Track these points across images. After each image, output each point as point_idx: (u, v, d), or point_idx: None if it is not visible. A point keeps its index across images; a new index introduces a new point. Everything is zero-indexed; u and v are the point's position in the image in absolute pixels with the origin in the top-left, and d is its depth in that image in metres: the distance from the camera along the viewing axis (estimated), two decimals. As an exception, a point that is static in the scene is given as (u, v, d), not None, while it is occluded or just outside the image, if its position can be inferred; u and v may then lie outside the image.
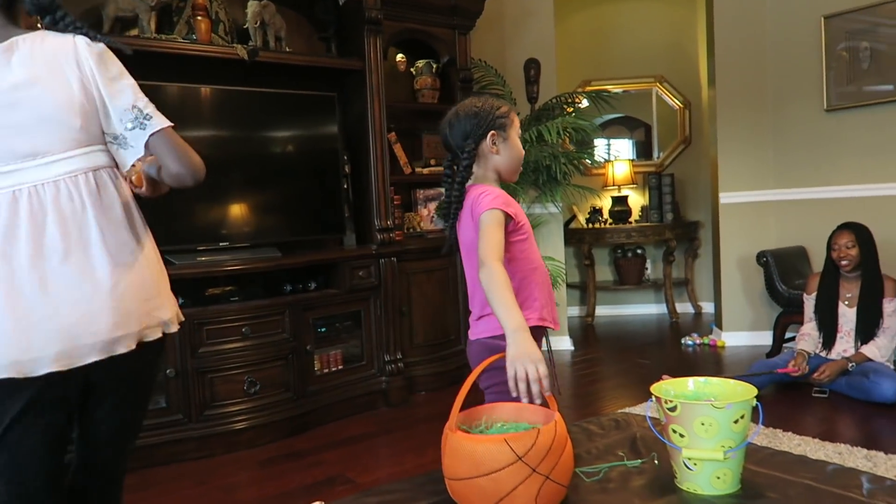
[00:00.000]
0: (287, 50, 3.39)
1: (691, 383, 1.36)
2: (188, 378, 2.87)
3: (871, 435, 2.76)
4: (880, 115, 3.89)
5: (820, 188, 4.18)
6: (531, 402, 1.26)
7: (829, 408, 3.11)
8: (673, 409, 1.23)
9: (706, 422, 1.20)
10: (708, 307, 5.67)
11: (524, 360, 1.27)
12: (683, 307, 5.79)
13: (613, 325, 5.48)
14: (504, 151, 1.63)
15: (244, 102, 3.23)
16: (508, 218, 1.55)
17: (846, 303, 3.34)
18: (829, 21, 4.03)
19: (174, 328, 1.43)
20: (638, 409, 3.07)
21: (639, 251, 5.75)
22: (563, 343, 4.65)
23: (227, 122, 3.21)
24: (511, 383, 1.26)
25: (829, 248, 3.37)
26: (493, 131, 1.61)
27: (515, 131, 1.64)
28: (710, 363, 4.08)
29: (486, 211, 1.53)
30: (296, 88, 3.42)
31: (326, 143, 3.51)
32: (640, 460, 1.38)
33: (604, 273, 5.93)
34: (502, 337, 1.36)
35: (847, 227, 3.35)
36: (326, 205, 3.52)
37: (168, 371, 2.83)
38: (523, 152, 1.67)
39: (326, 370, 3.35)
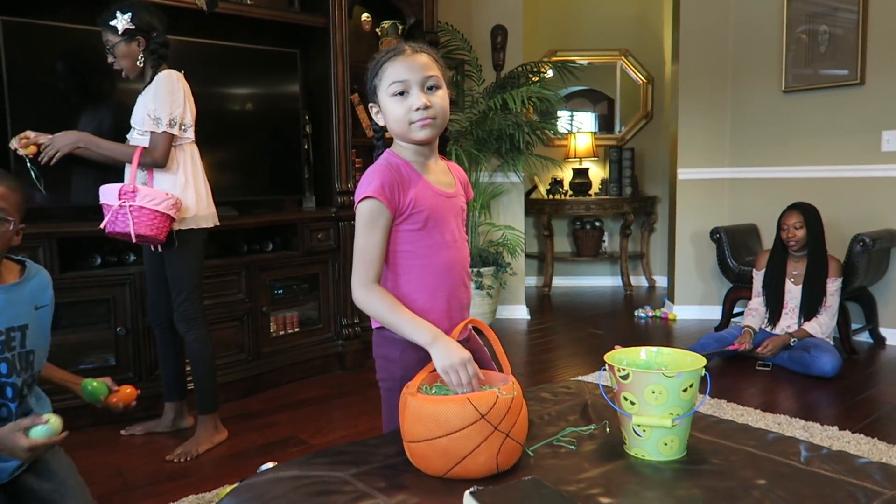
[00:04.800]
0: (248, 2, 3.28)
1: (644, 353, 1.39)
2: (139, 336, 2.82)
3: (809, 407, 2.88)
4: (835, 98, 3.99)
5: (773, 168, 4.28)
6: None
7: (772, 380, 3.23)
8: (625, 377, 1.26)
9: (656, 390, 1.23)
10: (662, 281, 5.80)
11: (453, 367, 1.23)
12: (638, 280, 5.92)
13: (569, 296, 5.56)
14: (385, 119, 1.38)
15: (201, 55, 3.12)
16: (382, 205, 1.31)
17: (792, 280, 3.45)
18: (791, 3, 4.08)
19: None
20: (590, 378, 3.13)
21: (597, 223, 5.83)
22: (519, 312, 4.71)
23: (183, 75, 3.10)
24: (454, 389, 1.24)
25: (779, 227, 3.46)
26: (370, 104, 1.41)
27: (386, 90, 1.34)
28: (661, 336, 4.19)
29: (357, 204, 1.34)
30: (257, 44, 3.32)
31: (287, 101, 3.43)
32: (591, 426, 1.41)
33: (562, 244, 6.00)
34: (390, 331, 1.36)
35: (796, 207, 3.44)
36: (286, 165, 3.46)
37: (119, 329, 2.77)
38: (400, 109, 1.33)
39: (283, 332, 3.32)
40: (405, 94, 1.33)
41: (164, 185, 2.40)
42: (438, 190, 1.40)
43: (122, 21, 2.33)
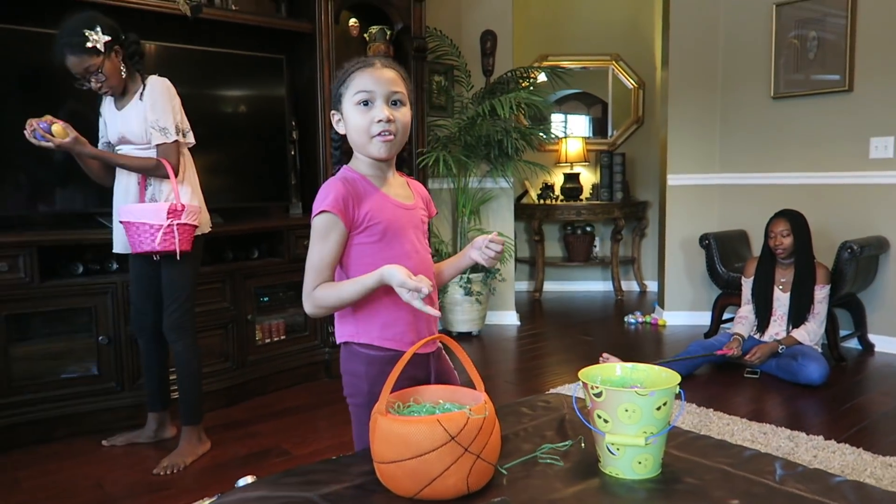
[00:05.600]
0: (234, 8, 3.26)
1: (619, 369, 1.38)
2: (121, 345, 2.79)
3: (796, 415, 2.87)
4: (824, 104, 3.98)
5: (763, 174, 4.27)
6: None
7: (759, 388, 3.22)
8: (598, 395, 1.24)
9: (630, 408, 1.21)
10: (653, 286, 5.79)
11: (402, 282, 1.25)
12: (629, 285, 5.91)
13: (560, 301, 5.55)
14: (346, 129, 1.38)
15: (186, 61, 3.10)
16: (336, 218, 1.30)
17: (780, 287, 3.44)
18: (781, 9, 4.08)
19: None
20: (573, 389, 3.12)
21: (588, 228, 5.82)
22: (509, 318, 4.69)
23: (168, 81, 3.08)
24: (411, 301, 1.26)
25: (766, 235, 3.45)
26: (332, 112, 1.40)
27: (350, 99, 1.34)
28: (651, 342, 4.17)
29: (313, 218, 1.34)
30: (243, 49, 3.30)
31: (273, 107, 3.41)
32: (566, 442, 1.39)
33: (553, 249, 5.99)
34: (355, 345, 1.38)
35: (783, 214, 3.43)
36: (272, 171, 3.44)
37: (100, 338, 2.75)
38: (363, 120, 1.33)
39: (268, 340, 3.30)
40: (369, 105, 1.34)
41: (180, 193, 2.38)
42: (396, 202, 1.40)
43: (96, 39, 2.20)
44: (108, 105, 2.43)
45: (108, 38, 2.24)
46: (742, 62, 4.30)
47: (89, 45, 2.20)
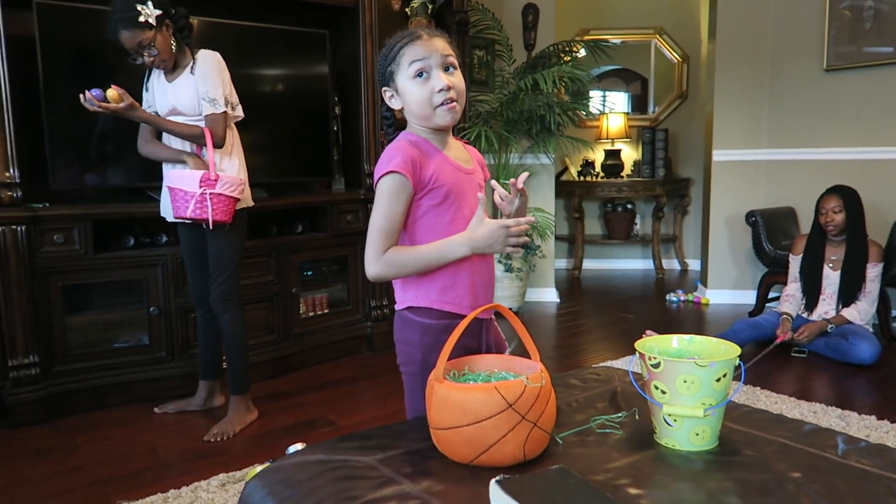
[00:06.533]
0: (278, -17, 3.26)
1: (675, 341, 1.36)
2: (171, 316, 2.86)
3: (846, 395, 2.81)
4: (879, 76, 3.84)
5: (813, 149, 4.15)
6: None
7: (807, 367, 3.16)
8: (656, 366, 1.23)
9: (688, 379, 1.20)
10: (694, 264, 5.71)
11: (498, 241, 1.30)
12: (670, 263, 5.83)
13: (600, 279, 5.51)
14: (404, 103, 1.37)
15: (231, 37, 3.12)
16: (405, 179, 1.29)
17: (831, 265, 3.36)
18: (836, -23, 3.93)
19: None
20: (619, 363, 3.10)
21: (629, 206, 5.74)
22: (548, 295, 4.68)
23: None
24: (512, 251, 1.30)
25: (817, 211, 3.37)
26: (384, 88, 1.39)
27: (405, 73, 1.33)
28: (694, 320, 4.12)
29: (378, 180, 1.32)
30: (286, 25, 3.31)
31: (317, 83, 3.42)
32: (620, 414, 1.39)
33: (593, 226, 5.93)
34: (415, 310, 1.38)
35: (835, 190, 3.34)
36: (315, 147, 3.45)
37: (151, 309, 2.81)
38: (423, 91, 1.32)
39: (312, 313, 3.34)
40: (425, 76, 1.33)
41: (225, 165, 2.41)
42: (457, 165, 1.40)
43: (148, 13, 2.25)
44: (157, 78, 2.47)
45: (159, 11, 2.27)
46: (793, 33, 4.16)
47: (142, 19, 2.23)
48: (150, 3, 2.25)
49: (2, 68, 2.49)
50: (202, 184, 2.28)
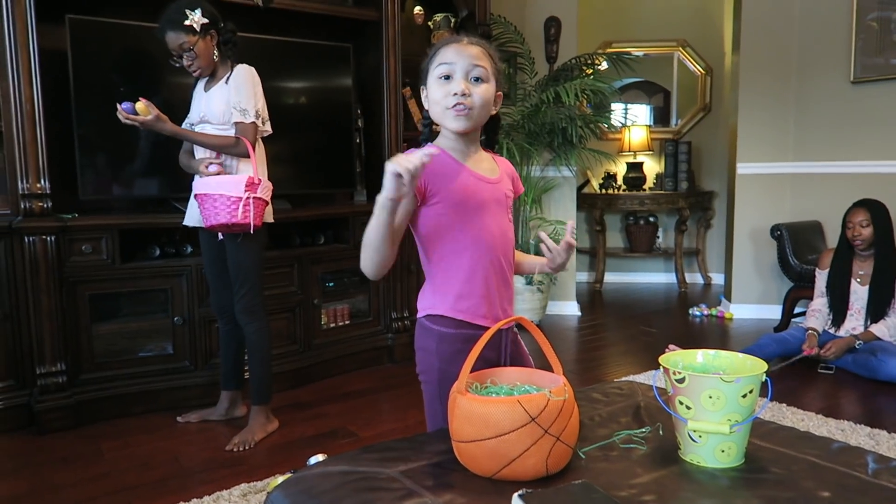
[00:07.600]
0: (303, -2, 3.31)
1: (700, 356, 1.34)
2: (195, 326, 2.89)
3: (875, 413, 2.75)
4: (908, 89, 3.79)
5: (840, 162, 4.10)
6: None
7: (835, 384, 3.10)
8: (681, 381, 1.22)
9: (714, 395, 1.18)
10: (718, 278, 5.65)
11: (388, 167, 1.13)
12: (693, 277, 5.77)
13: (621, 293, 5.47)
14: (429, 103, 1.39)
15: (257, 50, 3.16)
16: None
17: (858, 280, 3.30)
18: (863, -11, 3.89)
19: None
20: (642, 378, 3.08)
21: (651, 219, 5.70)
22: (569, 308, 4.65)
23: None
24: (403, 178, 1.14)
25: (844, 225, 3.32)
26: (422, 86, 1.41)
27: (434, 73, 1.36)
28: (717, 335, 4.07)
29: None
30: (310, 38, 3.35)
31: (340, 95, 3.46)
32: (644, 429, 1.37)
33: (614, 239, 5.90)
34: (433, 318, 1.38)
35: (863, 204, 3.29)
36: (338, 159, 3.48)
37: (175, 319, 2.85)
38: (440, 92, 1.34)
39: (333, 324, 3.36)
40: (449, 79, 1.34)
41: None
42: (478, 175, 1.39)
43: (195, 19, 2.34)
44: (198, 87, 2.53)
45: (206, 20, 2.37)
46: (819, 45, 4.13)
47: (187, 23, 2.34)
48: (198, 11, 2.35)
49: (35, 81, 2.55)
50: (247, 188, 2.32)
